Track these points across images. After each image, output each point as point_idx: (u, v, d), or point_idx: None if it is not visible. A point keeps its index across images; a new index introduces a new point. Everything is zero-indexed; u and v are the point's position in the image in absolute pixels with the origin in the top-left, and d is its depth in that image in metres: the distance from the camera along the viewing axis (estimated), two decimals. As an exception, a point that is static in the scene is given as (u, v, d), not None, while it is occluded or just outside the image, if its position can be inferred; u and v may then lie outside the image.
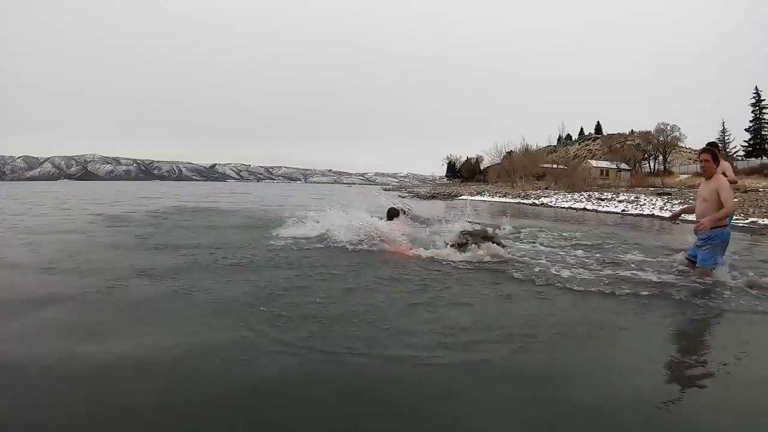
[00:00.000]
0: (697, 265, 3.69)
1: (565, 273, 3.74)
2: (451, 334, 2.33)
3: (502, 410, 1.63)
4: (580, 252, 4.81)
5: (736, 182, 5.32)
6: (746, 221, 9.51)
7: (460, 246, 4.43)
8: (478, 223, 5.79)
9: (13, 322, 2.52)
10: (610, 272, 3.81)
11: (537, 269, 3.88)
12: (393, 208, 6.07)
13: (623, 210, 13.77)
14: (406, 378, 1.85)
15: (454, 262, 4.17)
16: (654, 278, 3.59)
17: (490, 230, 4.74)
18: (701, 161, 3.74)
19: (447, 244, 4.57)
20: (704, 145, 4.07)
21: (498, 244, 4.47)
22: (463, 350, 2.13)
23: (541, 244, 5.37)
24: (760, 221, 9.34)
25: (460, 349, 2.14)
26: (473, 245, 4.41)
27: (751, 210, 11.06)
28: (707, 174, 3.71)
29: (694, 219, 3.79)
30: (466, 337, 2.30)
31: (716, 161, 3.73)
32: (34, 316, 2.61)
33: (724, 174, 3.87)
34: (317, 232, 5.49)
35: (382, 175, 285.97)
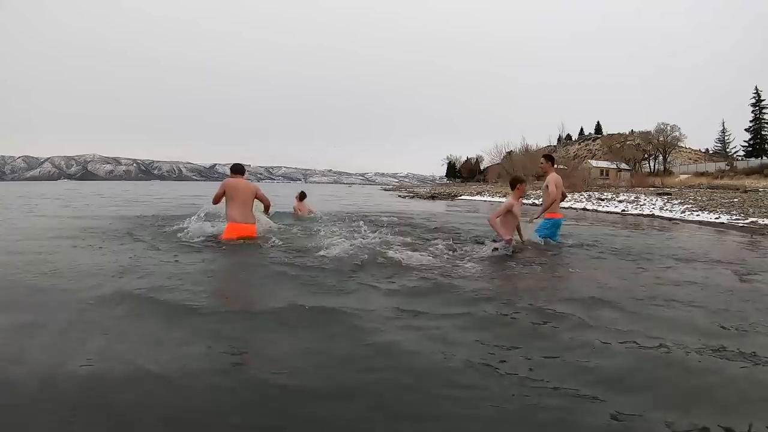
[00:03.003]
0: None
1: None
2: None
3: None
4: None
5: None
6: (746, 221, 9.50)
7: None
8: None
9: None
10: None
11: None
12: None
13: (623, 210, 13.77)
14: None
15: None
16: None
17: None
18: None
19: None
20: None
21: None
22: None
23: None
24: (760, 221, 9.32)
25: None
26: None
27: (751, 210, 11.05)
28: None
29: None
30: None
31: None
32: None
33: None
34: None
35: (382, 175, 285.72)
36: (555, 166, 5.47)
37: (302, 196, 7.78)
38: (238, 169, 5.23)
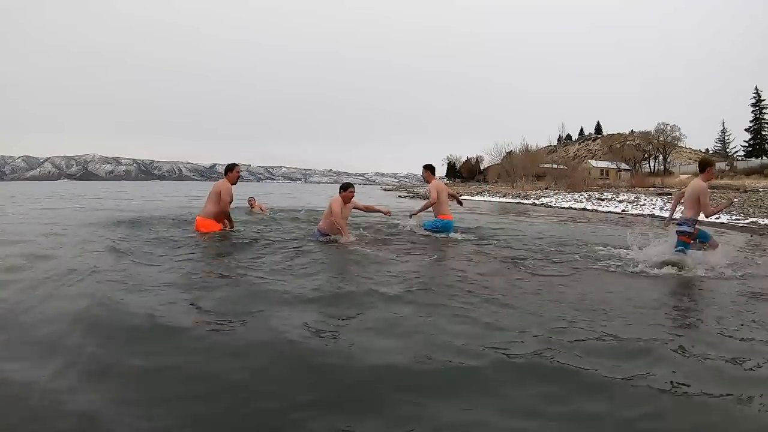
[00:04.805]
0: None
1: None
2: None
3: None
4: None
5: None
6: (746, 221, 9.48)
7: None
8: None
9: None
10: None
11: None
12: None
13: (623, 210, 13.75)
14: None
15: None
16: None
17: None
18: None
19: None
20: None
21: None
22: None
23: None
24: (760, 221, 9.31)
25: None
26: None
27: (751, 210, 11.04)
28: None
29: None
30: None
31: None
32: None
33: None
34: None
35: (382, 175, 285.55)
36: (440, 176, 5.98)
37: (252, 199, 9.46)
38: (224, 170, 5.39)
